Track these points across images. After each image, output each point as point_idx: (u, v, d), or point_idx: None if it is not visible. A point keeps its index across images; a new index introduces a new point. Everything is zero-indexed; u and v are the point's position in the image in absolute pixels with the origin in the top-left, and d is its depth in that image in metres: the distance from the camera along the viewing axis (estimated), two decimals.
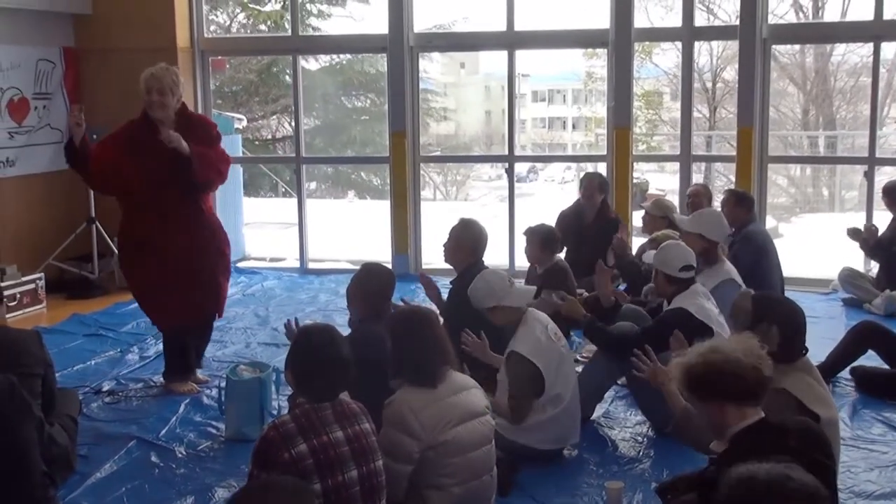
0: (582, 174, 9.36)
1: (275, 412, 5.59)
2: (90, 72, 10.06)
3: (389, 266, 9.58)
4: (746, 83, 9.26)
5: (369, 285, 5.11)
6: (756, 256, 7.57)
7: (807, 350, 4.21)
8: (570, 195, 8.93)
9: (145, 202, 6.04)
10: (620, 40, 9.43)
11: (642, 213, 8.08)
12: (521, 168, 29.62)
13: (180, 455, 5.36)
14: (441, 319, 4.70)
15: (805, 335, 4.19)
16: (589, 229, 8.45)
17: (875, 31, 9.22)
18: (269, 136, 23.09)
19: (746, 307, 4.15)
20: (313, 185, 23.82)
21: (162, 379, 6.51)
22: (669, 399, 4.27)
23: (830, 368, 6.31)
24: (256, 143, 22.17)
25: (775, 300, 4.25)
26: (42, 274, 8.96)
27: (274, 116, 22.95)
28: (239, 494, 2.82)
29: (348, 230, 13.90)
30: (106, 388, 6.52)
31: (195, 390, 6.36)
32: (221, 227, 6.48)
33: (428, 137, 25.19)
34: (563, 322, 5.60)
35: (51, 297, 9.01)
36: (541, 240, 7.10)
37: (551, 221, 7.92)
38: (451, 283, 6.15)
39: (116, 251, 8.36)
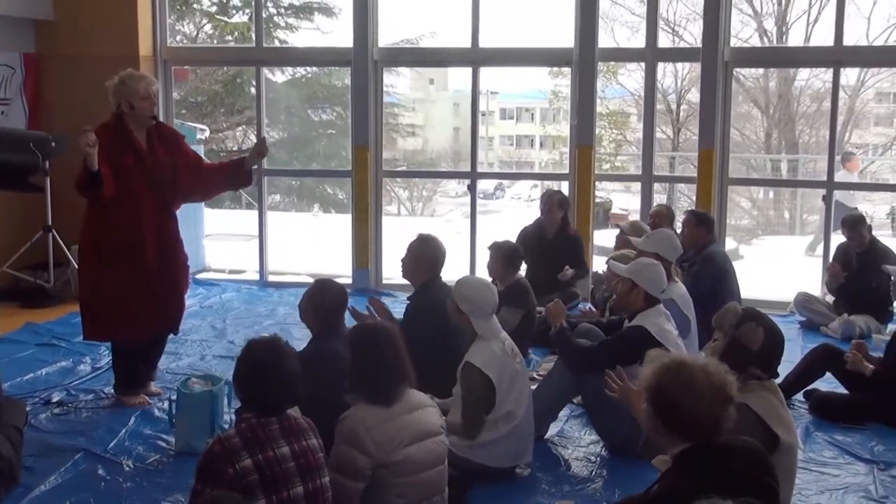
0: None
1: (226, 426, 5.51)
2: (51, 78, 9.96)
3: (350, 280, 9.85)
4: (708, 105, 9.33)
5: (321, 302, 5.06)
6: (716, 278, 7.62)
7: (777, 375, 4.22)
8: (535, 213, 8.95)
9: (122, 206, 5.95)
10: (584, 59, 9.47)
11: (615, 231, 8.13)
12: (487, 185, 29.65)
13: (128, 468, 5.27)
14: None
15: (782, 354, 4.22)
16: (550, 246, 8.49)
17: (835, 57, 9.32)
18: (235, 148, 22.99)
19: (736, 309, 4.20)
20: (278, 197, 23.72)
21: (113, 391, 6.42)
22: (640, 419, 4.22)
23: (787, 390, 6.33)
24: (222, 154, 22.06)
25: (763, 313, 4.29)
26: None
27: (240, 128, 22.87)
28: None
29: (311, 244, 13.82)
30: (55, 398, 6.41)
31: (146, 403, 6.28)
32: (182, 241, 6.44)
33: (395, 152, 25.14)
34: (521, 340, 5.60)
35: (4, 306, 8.89)
36: (504, 255, 7.07)
37: (515, 239, 7.94)
38: (408, 298, 6.12)
39: (74, 261, 8.24)
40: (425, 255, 5.99)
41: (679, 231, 7.91)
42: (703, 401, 3.26)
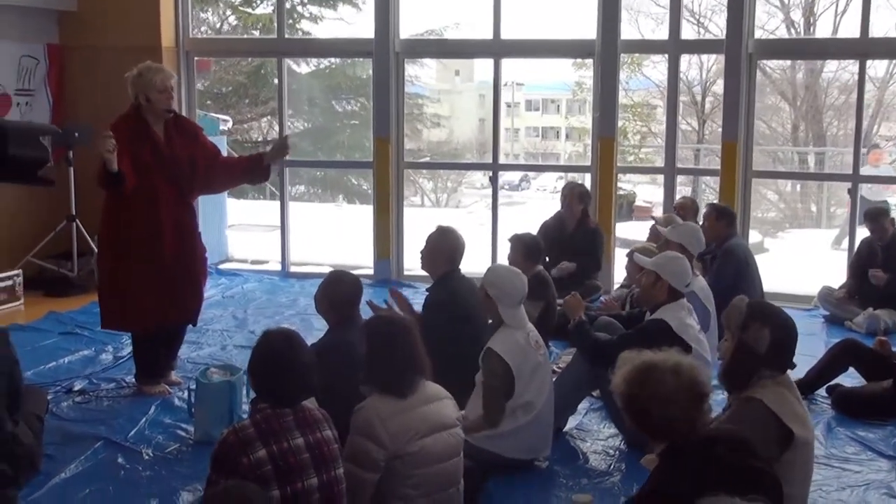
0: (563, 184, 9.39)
1: (245, 415, 5.53)
2: (74, 69, 10.03)
3: (371, 271, 9.85)
4: (732, 97, 9.25)
5: (336, 292, 5.06)
6: (737, 271, 7.58)
7: (794, 365, 4.16)
8: (559, 205, 8.91)
9: (139, 199, 5.97)
10: (606, 51, 9.41)
11: (639, 224, 8.09)
12: (513, 177, 29.62)
13: (147, 457, 5.31)
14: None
15: (795, 348, 4.13)
16: (570, 239, 8.46)
17: (861, 49, 9.22)
18: (259, 138, 23.04)
19: (741, 307, 4.11)
20: (302, 188, 23.77)
21: (134, 380, 6.45)
22: None
23: (810, 385, 6.31)
24: (246, 144, 22.13)
25: (771, 306, 4.22)
26: (20, 271, 8.90)
27: (264, 119, 22.91)
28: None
29: (334, 234, 13.86)
30: (77, 387, 6.46)
31: (167, 392, 6.31)
32: (200, 234, 6.48)
33: (420, 143, 25.13)
34: (541, 333, 5.58)
35: (29, 295, 8.94)
36: (525, 247, 7.04)
37: (536, 232, 7.91)
38: (426, 290, 6.11)
39: (96, 249, 8.29)
40: (444, 246, 5.97)
41: (700, 224, 7.87)
42: (672, 405, 3.25)
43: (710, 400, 3.35)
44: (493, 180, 10.22)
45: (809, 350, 6.85)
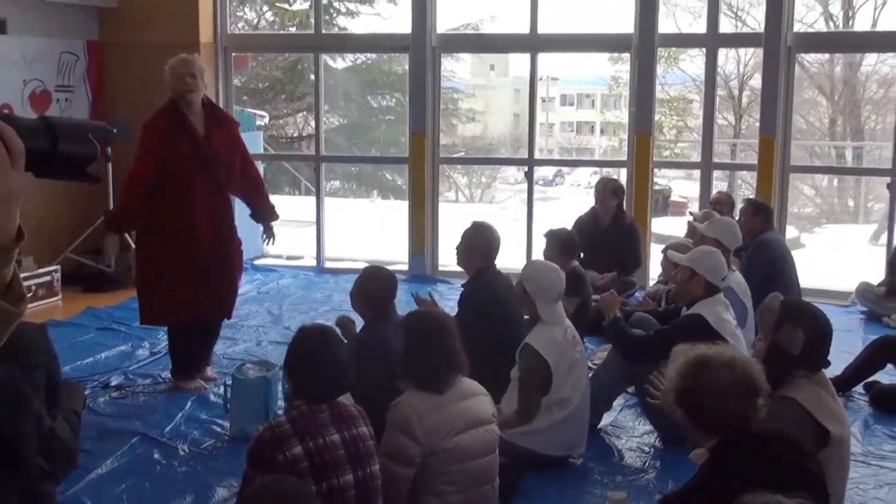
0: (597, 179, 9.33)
1: (280, 411, 5.55)
2: (113, 65, 10.10)
3: (406, 266, 9.86)
4: (770, 92, 9.15)
5: (371, 289, 5.08)
6: (772, 264, 7.51)
7: (829, 363, 4.12)
8: (593, 200, 8.86)
9: (175, 191, 6.03)
10: (644, 45, 9.35)
11: (674, 219, 8.04)
12: (547, 172, 29.54)
13: (183, 453, 5.34)
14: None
15: (829, 346, 4.08)
16: (605, 234, 8.41)
17: None
18: (296, 134, 23.11)
19: (775, 307, 4.08)
20: (337, 183, 23.82)
21: (170, 375, 6.50)
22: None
23: (846, 382, 6.25)
24: (282, 140, 22.20)
25: (803, 305, 4.18)
26: (58, 266, 8.98)
27: (301, 114, 22.97)
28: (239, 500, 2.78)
29: (369, 230, 13.88)
30: (114, 382, 6.51)
31: (202, 388, 6.35)
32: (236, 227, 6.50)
33: (454, 138, 25.11)
34: (578, 329, 5.57)
35: (67, 290, 9.02)
36: (560, 243, 7.01)
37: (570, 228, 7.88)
38: (462, 286, 6.10)
39: (133, 244, 8.35)
40: (479, 242, 5.96)
41: (737, 219, 7.81)
42: (726, 398, 3.24)
43: (763, 395, 3.33)
44: (529, 175, 10.19)
45: (847, 347, 6.79)
